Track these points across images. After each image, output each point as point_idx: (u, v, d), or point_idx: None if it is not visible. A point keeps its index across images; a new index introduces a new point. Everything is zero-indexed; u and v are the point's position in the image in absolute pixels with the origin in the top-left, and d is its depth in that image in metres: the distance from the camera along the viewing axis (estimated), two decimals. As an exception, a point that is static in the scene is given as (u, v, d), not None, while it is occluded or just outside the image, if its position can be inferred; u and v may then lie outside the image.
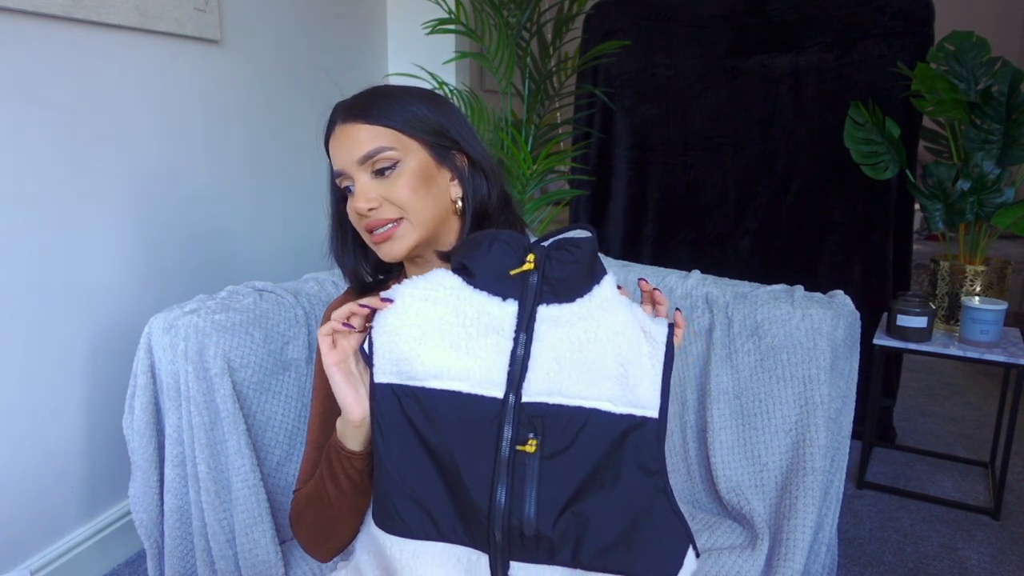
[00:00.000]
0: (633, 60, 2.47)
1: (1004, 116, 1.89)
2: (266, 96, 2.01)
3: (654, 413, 0.69)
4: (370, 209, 0.81)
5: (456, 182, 0.87)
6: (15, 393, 1.40)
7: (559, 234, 0.73)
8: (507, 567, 0.68)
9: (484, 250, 0.72)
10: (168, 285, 1.71)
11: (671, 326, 0.72)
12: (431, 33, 2.25)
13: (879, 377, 1.95)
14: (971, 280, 1.99)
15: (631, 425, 0.69)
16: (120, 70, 1.54)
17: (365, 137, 0.82)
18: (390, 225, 0.82)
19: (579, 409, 0.69)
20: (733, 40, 2.34)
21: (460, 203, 0.87)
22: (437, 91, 0.95)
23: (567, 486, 0.67)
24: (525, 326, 0.70)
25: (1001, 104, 1.89)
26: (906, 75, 2.04)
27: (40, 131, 1.39)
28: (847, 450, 1.17)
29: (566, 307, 0.70)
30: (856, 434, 2.12)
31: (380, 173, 0.82)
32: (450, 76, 2.57)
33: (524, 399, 0.69)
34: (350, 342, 0.74)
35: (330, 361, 0.73)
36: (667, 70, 2.44)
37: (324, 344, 0.73)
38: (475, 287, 0.71)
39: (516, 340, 0.70)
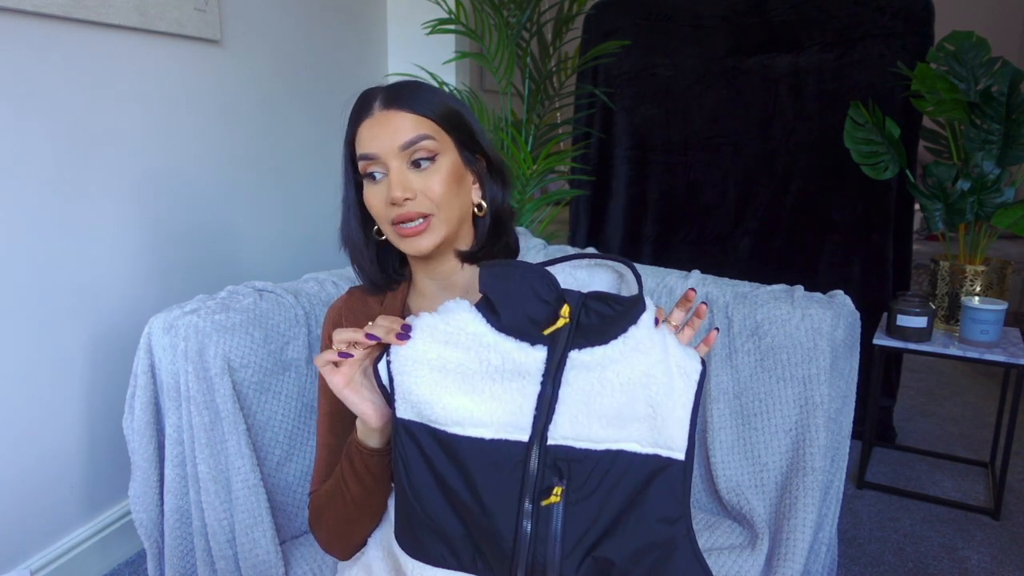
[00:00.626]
0: (633, 60, 2.47)
1: (1004, 116, 1.89)
2: (266, 96, 2.01)
3: (680, 455, 0.69)
4: (406, 199, 0.81)
5: (478, 186, 0.89)
6: (15, 393, 1.40)
7: (597, 262, 0.72)
8: None
9: (515, 293, 0.68)
10: (168, 285, 1.71)
11: (703, 363, 0.70)
12: (431, 33, 2.25)
13: (879, 377, 1.95)
14: (971, 280, 1.99)
15: (657, 466, 0.68)
16: (120, 70, 1.54)
17: (409, 125, 0.81)
18: (420, 221, 0.82)
19: (606, 452, 0.68)
20: (733, 40, 2.34)
21: (479, 208, 0.89)
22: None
23: (592, 530, 0.67)
24: (554, 372, 0.68)
25: (1001, 104, 1.89)
26: (906, 75, 2.04)
27: (40, 131, 1.39)
28: (847, 450, 1.17)
29: (598, 350, 0.68)
30: (856, 434, 2.12)
31: (417, 164, 0.82)
32: (450, 76, 2.57)
33: (549, 442, 0.68)
34: (352, 367, 0.72)
35: (337, 385, 0.72)
36: (667, 70, 2.44)
37: (325, 372, 0.72)
38: (500, 331, 0.68)
39: (543, 384, 0.68)
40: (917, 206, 2.16)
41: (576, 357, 0.67)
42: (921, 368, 2.98)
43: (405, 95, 0.84)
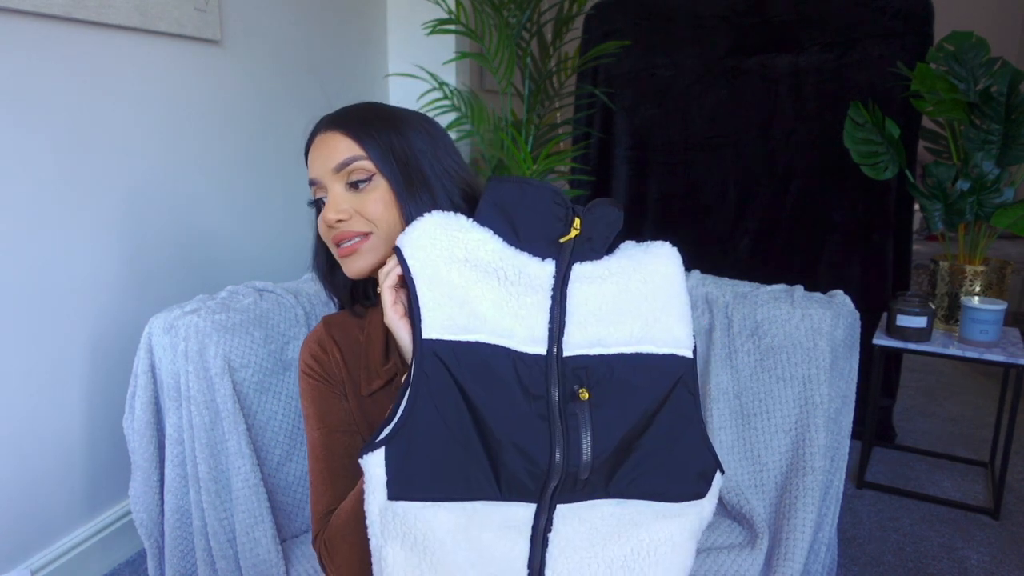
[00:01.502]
0: (633, 60, 2.47)
1: (1003, 116, 1.89)
2: (266, 96, 2.01)
3: (689, 352, 0.74)
4: (338, 220, 0.80)
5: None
6: (16, 393, 1.40)
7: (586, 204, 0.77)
8: (552, 511, 0.69)
9: (530, 210, 0.73)
10: (168, 285, 1.71)
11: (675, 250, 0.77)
12: (431, 33, 2.25)
13: (879, 377, 1.95)
14: (971, 280, 1.99)
15: (675, 364, 0.73)
16: (120, 70, 1.54)
17: (344, 146, 0.81)
18: (356, 239, 0.81)
19: (619, 356, 0.71)
20: (733, 40, 2.34)
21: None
22: (430, 111, 0.93)
23: (618, 429, 0.70)
24: (561, 284, 0.72)
25: (1000, 104, 1.89)
26: (906, 75, 2.04)
27: (40, 131, 1.39)
28: (847, 450, 1.17)
29: (599, 263, 0.74)
30: (856, 434, 2.12)
31: (354, 186, 0.81)
32: (450, 76, 2.57)
33: (565, 353, 0.71)
34: (403, 296, 0.75)
35: (397, 315, 0.74)
36: (667, 70, 2.44)
37: (390, 297, 0.74)
38: (516, 247, 0.73)
39: (553, 298, 0.72)
40: (917, 206, 2.16)
41: (579, 270, 0.73)
42: (921, 368, 2.98)
43: (343, 117, 0.84)
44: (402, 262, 0.72)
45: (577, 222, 0.73)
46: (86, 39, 1.46)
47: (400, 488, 0.68)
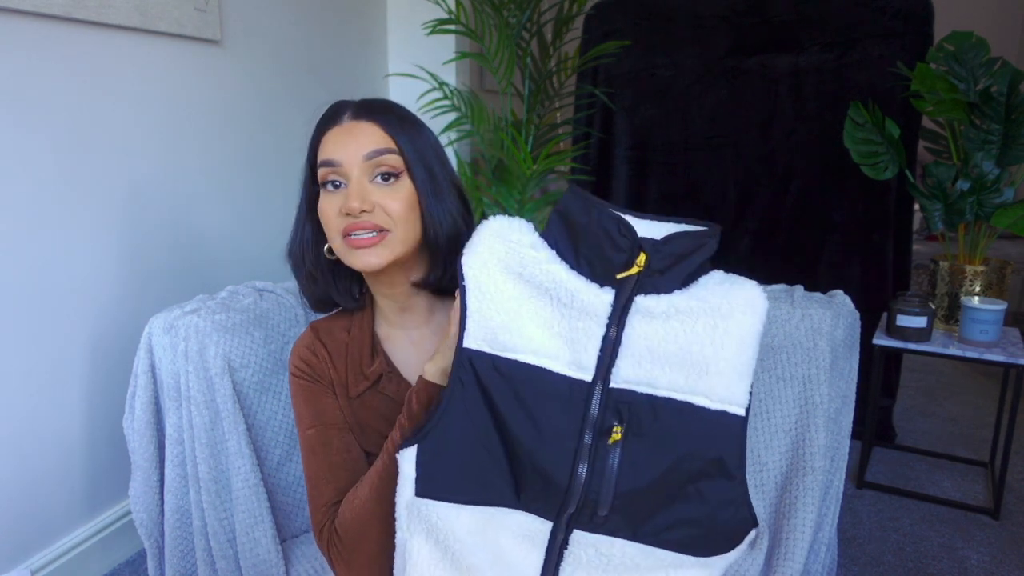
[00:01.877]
0: (633, 60, 2.47)
1: (1003, 116, 1.89)
2: (266, 96, 2.01)
3: (741, 411, 0.69)
4: (363, 212, 0.78)
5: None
6: (16, 393, 1.40)
7: (675, 224, 0.73)
8: (569, 533, 0.69)
9: (592, 234, 0.71)
10: (168, 285, 1.71)
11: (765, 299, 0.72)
12: (431, 33, 2.25)
13: (879, 377, 1.95)
14: (971, 280, 1.99)
15: (721, 422, 0.69)
16: (120, 70, 1.54)
17: (378, 136, 0.80)
18: (374, 233, 0.79)
19: (668, 400, 0.69)
20: (733, 40, 2.34)
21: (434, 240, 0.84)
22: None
23: (647, 473, 0.68)
24: (619, 315, 0.70)
25: (1000, 104, 1.89)
26: (906, 75, 2.04)
27: (40, 131, 1.39)
28: (847, 450, 1.17)
29: (664, 297, 0.70)
30: (856, 434, 2.12)
31: (383, 178, 0.80)
32: (450, 76, 2.57)
33: (612, 385, 0.69)
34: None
35: (455, 320, 0.75)
36: (667, 70, 2.44)
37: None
38: (572, 266, 0.72)
39: (608, 327, 0.70)
40: (917, 206, 2.16)
41: (642, 302, 0.70)
42: (921, 368, 2.98)
43: (378, 109, 0.83)
44: (459, 269, 0.72)
45: (642, 258, 0.70)
46: (86, 39, 1.46)
47: (427, 486, 0.70)
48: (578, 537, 0.69)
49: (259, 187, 2.00)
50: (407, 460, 0.71)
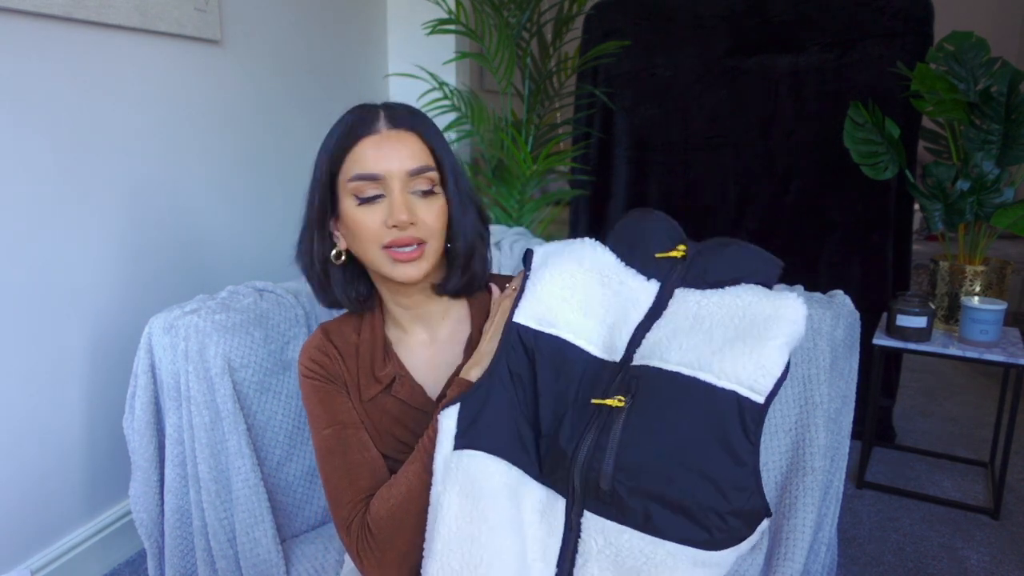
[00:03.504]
0: (633, 60, 2.47)
1: (1003, 116, 1.89)
2: (266, 96, 2.01)
3: (761, 398, 0.68)
4: (410, 224, 0.79)
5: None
6: (16, 393, 1.40)
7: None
8: (581, 515, 0.71)
9: (647, 233, 0.80)
10: (168, 285, 1.71)
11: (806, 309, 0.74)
12: (431, 33, 2.25)
13: (879, 377, 1.95)
14: (971, 280, 1.99)
15: (733, 403, 0.68)
16: (120, 70, 1.54)
17: (420, 152, 0.81)
18: (415, 247, 0.81)
19: (676, 374, 0.70)
20: (733, 40, 2.34)
21: (450, 250, 0.88)
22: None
23: (650, 449, 0.68)
24: (661, 306, 0.76)
25: (1000, 104, 1.89)
26: (906, 75, 2.04)
27: (40, 131, 1.39)
28: (847, 450, 1.17)
29: (702, 293, 0.76)
30: (856, 434, 2.12)
31: (424, 193, 0.81)
32: (450, 76, 2.57)
33: (633, 362, 0.74)
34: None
35: (509, 299, 0.84)
36: (667, 70, 2.44)
37: (509, 289, 0.86)
38: (625, 263, 0.80)
39: (648, 315, 0.76)
40: (917, 206, 2.16)
41: (681, 293, 0.77)
42: (921, 368, 2.98)
43: (416, 119, 0.83)
44: (526, 259, 0.82)
45: (682, 246, 0.79)
46: (86, 39, 1.46)
47: (467, 439, 0.74)
48: (589, 522, 0.70)
49: (259, 187, 2.00)
50: (448, 417, 0.75)
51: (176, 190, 1.72)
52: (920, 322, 1.87)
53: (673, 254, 0.79)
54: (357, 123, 0.81)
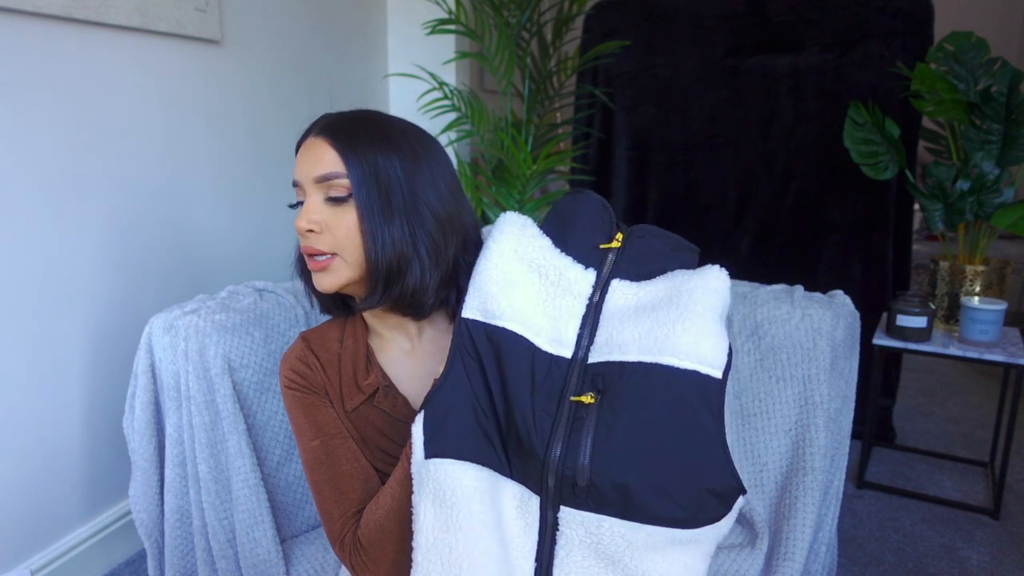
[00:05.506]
0: (633, 60, 2.47)
1: (1003, 116, 1.89)
2: (266, 96, 2.01)
3: (718, 372, 0.70)
4: (309, 231, 0.79)
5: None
6: (16, 393, 1.40)
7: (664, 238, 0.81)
8: (557, 511, 0.70)
9: (582, 215, 0.80)
10: (168, 285, 1.71)
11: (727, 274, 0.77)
12: (431, 33, 2.25)
13: (879, 377, 1.95)
14: (971, 280, 1.99)
15: (696, 382, 0.69)
16: (120, 70, 1.54)
17: (329, 159, 0.79)
18: (324, 257, 0.80)
19: (639, 364, 0.71)
20: (733, 40, 2.34)
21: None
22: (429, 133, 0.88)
23: (624, 442, 0.68)
24: (599, 294, 0.77)
25: (1000, 104, 1.89)
26: (906, 75, 2.04)
27: (40, 131, 1.39)
28: (847, 450, 1.17)
29: (639, 283, 0.77)
30: (856, 434, 2.13)
31: (334, 200, 0.79)
32: (450, 76, 2.57)
33: (590, 360, 0.73)
34: None
35: None
36: (667, 70, 2.44)
37: None
38: (562, 250, 0.79)
39: (588, 306, 0.76)
40: (917, 206, 2.16)
41: (616, 284, 0.77)
42: (921, 368, 2.98)
43: (337, 127, 0.81)
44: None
45: (620, 236, 0.79)
46: (86, 39, 1.46)
47: (434, 446, 0.73)
48: (567, 516, 0.70)
49: (259, 187, 2.00)
50: (416, 425, 0.74)
51: (176, 190, 1.72)
52: (920, 322, 1.87)
53: (613, 245, 0.79)
54: (305, 132, 0.85)
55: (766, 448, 1.15)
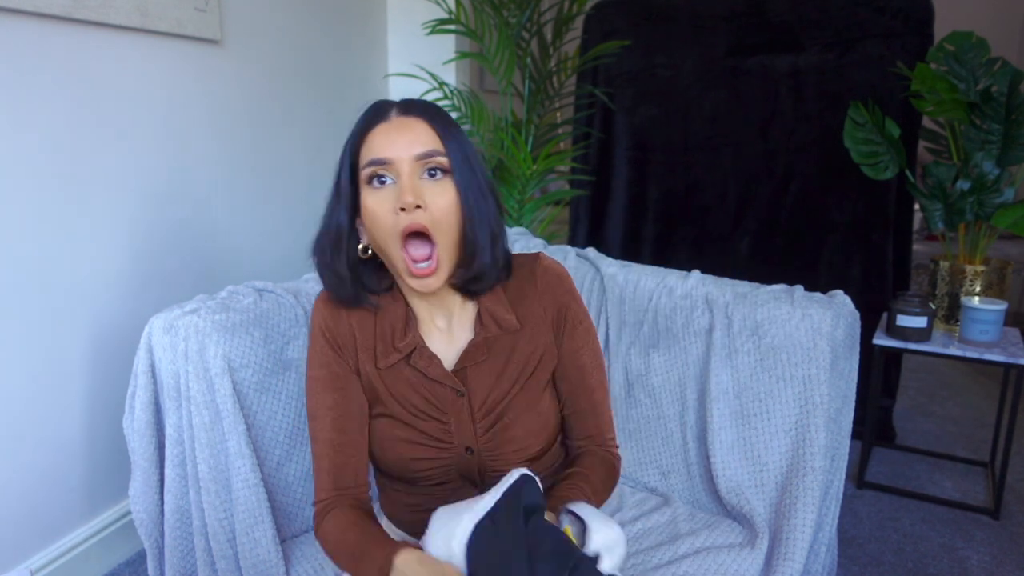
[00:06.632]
0: (633, 60, 2.47)
1: (1004, 116, 1.89)
2: (266, 96, 2.01)
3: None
4: (416, 206, 0.80)
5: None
6: (16, 393, 1.40)
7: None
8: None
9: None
10: (168, 285, 1.71)
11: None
12: (431, 33, 2.25)
13: (879, 377, 1.95)
14: (971, 280, 1.99)
15: None
16: (120, 70, 1.54)
17: (428, 136, 0.82)
18: (428, 262, 0.82)
19: None
20: (733, 40, 2.34)
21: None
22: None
23: None
24: None
25: (1001, 104, 1.89)
26: (906, 75, 2.04)
27: (41, 131, 1.39)
28: (847, 450, 1.17)
29: None
30: (856, 434, 2.12)
31: (431, 174, 0.82)
32: (450, 76, 2.57)
33: None
34: None
35: None
36: (667, 70, 2.44)
37: None
38: None
39: None
40: (917, 206, 2.16)
41: None
42: (921, 368, 2.98)
43: (425, 108, 0.84)
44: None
45: None
46: (86, 39, 1.46)
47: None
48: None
49: (259, 187, 2.00)
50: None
51: (176, 190, 1.72)
52: (920, 322, 1.87)
53: None
54: (372, 114, 0.85)
55: (766, 448, 1.15)
